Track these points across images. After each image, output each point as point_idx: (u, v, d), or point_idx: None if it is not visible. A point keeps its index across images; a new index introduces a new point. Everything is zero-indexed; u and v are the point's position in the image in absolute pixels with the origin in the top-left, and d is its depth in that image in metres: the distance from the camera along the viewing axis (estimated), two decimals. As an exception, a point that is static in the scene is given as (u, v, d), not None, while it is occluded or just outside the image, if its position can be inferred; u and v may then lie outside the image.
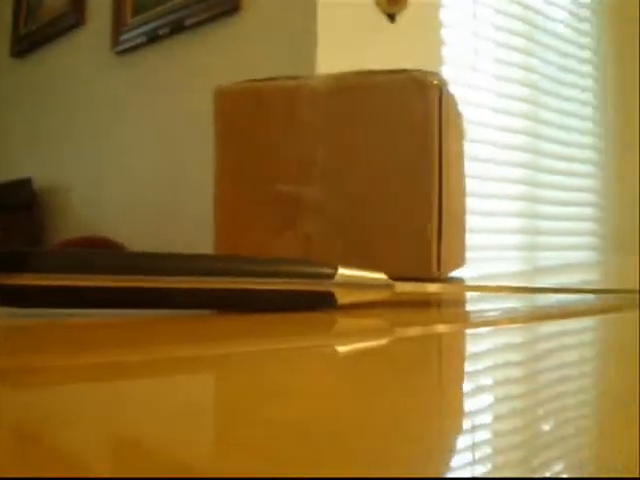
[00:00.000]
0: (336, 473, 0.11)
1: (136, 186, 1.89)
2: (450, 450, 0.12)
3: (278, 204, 0.44)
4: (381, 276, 0.30)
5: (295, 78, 0.44)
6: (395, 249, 0.42)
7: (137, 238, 1.78)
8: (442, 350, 0.24)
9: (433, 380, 0.19)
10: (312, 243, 0.43)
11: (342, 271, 0.29)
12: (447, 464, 0.12)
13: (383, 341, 0.25)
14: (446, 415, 0.15)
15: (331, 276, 0.28)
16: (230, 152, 0.46)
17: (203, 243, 0.66)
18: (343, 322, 0.28)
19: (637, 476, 0.11)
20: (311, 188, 0.43)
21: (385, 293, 0.30)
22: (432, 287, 0.34)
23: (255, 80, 0.46)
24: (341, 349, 0.23)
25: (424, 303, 0.35)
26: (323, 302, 0.29)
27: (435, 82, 0.42)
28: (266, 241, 0.44)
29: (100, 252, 0.28)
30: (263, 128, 0.45)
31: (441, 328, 0.28)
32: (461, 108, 0.52)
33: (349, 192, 0.43)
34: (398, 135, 0.42)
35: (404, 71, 0.42)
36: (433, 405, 0.15)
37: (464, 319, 0.32)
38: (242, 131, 0.46)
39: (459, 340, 0.25)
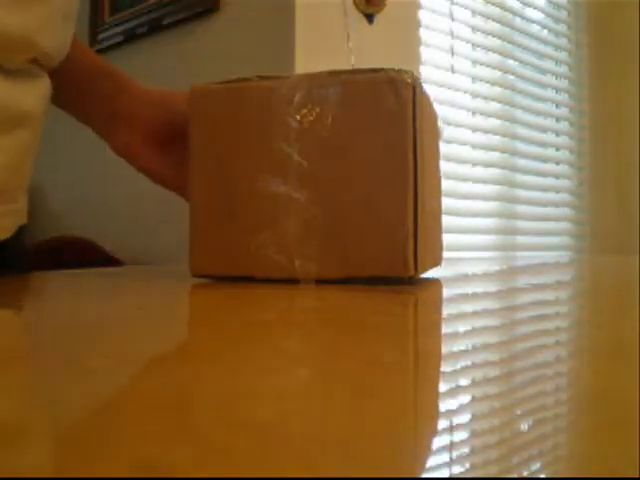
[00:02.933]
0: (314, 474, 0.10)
1: (111, 187, 1.88)
2: (425, 449, 0.12)
3: (255, 204, 0.44)
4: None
5: (270, 78, 0.44)
6: (371, 248, 0.42)
7: (109, 237, 1.77)
8: (417, 353, 0.24)
9: (407, 378, 0.18)
10: (289, 242, 0.43)
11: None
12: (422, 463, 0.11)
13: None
14: (421, 414, 0.14)
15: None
16: (206, 152, 0.46)
17: (175, 242, 0.66)
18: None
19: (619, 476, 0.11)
20: (287, 187, 0.43)
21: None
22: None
23: (230, 80, 0.46)
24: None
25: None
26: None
27: (409, 80, 0.42)
28: (243, 240, 0.44)
29: None
30: (239, 128, 0.45)
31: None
32: (438, 108, 0.52)
33: (325, 191, 0.43)
34: (372, 133, 0.42)
35: (378, 70, 0.42)
36: (406, 404, 0.15)
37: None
38: (218, 131, 0.45)
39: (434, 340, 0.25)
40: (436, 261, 0.53)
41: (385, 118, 0.42)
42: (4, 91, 0.49)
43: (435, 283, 0.47)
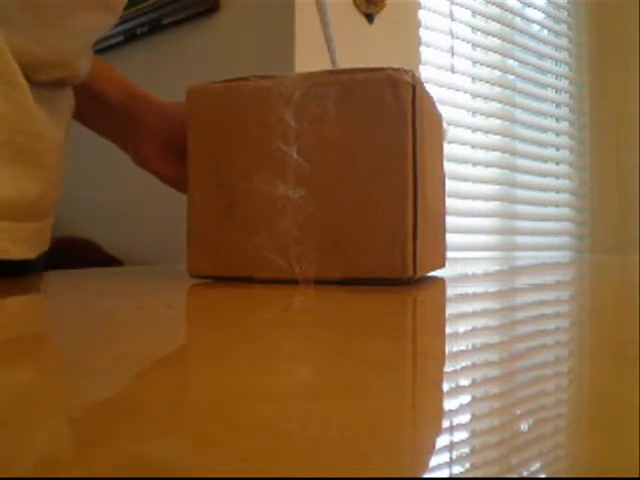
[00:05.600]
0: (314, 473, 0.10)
1: (111, 187, 1.88)
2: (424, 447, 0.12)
3: (253, 204, 0.44)
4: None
5: (268, 77, 0.44)
6: (370, 249, 0.42)
7: (109, 238, 1.77)
8: (417, 353, 0.24)
9: (406, 380, 0.18)
10: (287, 243, 0.43)
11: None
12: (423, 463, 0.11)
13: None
14: (421, 414, 0.14)
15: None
16: (204, 152, 0.46)
17: (175, 242, 0.66)
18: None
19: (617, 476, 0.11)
20: (286, 187, 0.43)
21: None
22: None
23: (228, 80, 0.46)
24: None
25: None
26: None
27: (408, 80, 0.41)
28: (241, 240, 0.44)
29: None
30: (237, 127, 0.44)
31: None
32: (438, 108, 0.52)
33: (324, 191, 0.42)
34: (372, 133, 0.42)
35: (378, 69, 0.42)
36: (406, 405, 0.15)
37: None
38: (216, 131, 0.45)
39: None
40: (439, 263, 0.52)
41: (384, 118, 0.42)
42: (46, 123, 0.51)
43: (435, 283, 0.47)
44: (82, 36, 0.52)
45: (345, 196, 0.42)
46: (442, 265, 0.54)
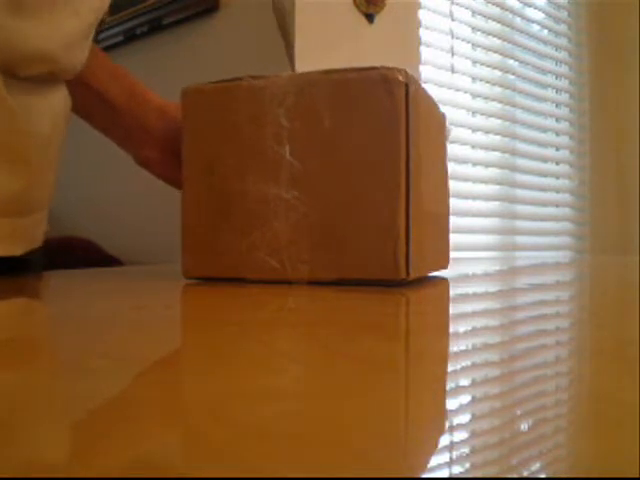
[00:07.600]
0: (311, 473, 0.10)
1: (111, 187, 1.88)
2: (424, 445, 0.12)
3: (246, 205, 0.44)
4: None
5: (262, 77, 0.44)
6: (362, 250, 0.41)
7: (109, 237, 1.77)
8: (416, 353, 0.24)
9: (403, 379, 0.18)
10: (280, 243, 0.43)
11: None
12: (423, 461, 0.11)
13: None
14: (420, 414, 0.14)
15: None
16: (198, 152, 0.46)
17: (171, 242, 0.66)
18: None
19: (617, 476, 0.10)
20: (279, 187, 0.43)
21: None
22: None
23: (222, 80, 0.45)
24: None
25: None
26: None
27: (401, 79, 0.41)
28: (234, 241, 0.44)
29: None
30: (230, 128, 0.44)
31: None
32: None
33: (317, 191, 0.42)
34: (365, 133, 0.42)
35: (371, 68, 0.42)
36: (406, 404, 0.15)
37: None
38: (209, 131, 0.45)
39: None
40: (441, 263, 0.52)
41: (378, 117, 0.41)
42: (30, 119, 0.50)
43: (434, 283, 0.47)
44: (65, 28, 0.50)
45: (338, 196, 0.42)
46: (445, 266, 0.54)
